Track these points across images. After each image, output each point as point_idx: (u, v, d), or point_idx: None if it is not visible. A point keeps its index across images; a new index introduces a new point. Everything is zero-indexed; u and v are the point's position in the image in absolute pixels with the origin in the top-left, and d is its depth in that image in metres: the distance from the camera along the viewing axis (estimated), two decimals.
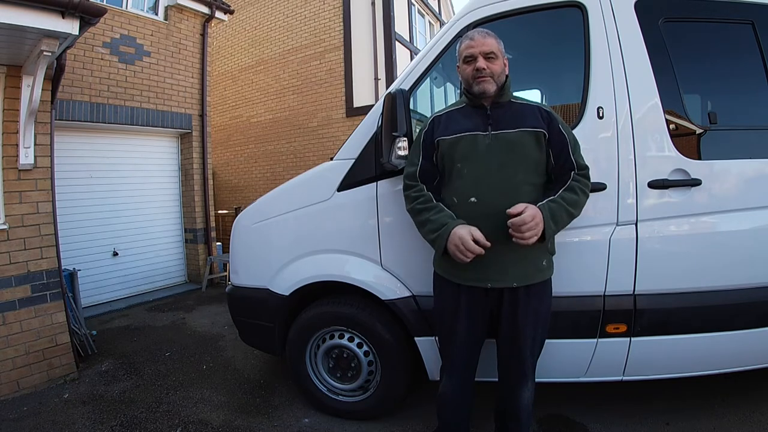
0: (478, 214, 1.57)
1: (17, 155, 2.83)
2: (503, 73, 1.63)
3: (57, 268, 3.03)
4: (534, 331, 1.66)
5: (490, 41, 1.61)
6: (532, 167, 1.60)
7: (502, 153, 1.57)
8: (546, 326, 1.71)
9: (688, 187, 1.80)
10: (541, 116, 1.61)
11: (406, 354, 2.19)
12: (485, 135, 1.60)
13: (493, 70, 1.59)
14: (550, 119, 1.60)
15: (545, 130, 1.58)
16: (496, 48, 1.61)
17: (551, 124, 1.60)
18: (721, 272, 1.83)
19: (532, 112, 1.62)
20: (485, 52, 1.59)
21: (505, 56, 1.64)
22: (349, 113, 7.94)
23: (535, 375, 1.75)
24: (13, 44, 2.56)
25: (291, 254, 2.32)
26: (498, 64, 1.60)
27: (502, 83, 1.62)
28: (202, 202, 5.96)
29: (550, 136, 1.59)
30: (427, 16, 10.50)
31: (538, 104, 1.67)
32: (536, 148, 1.59)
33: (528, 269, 1.60)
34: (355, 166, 2.12)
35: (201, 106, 5.91)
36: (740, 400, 2.30)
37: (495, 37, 1.63)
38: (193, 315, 4.59)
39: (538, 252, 1.61)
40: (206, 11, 5.83)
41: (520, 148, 1.57)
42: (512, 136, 1.58)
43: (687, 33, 1.91)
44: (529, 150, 1.58)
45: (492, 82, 1.59)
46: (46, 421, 2.48)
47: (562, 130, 1.61)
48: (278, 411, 2.52)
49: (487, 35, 1.62)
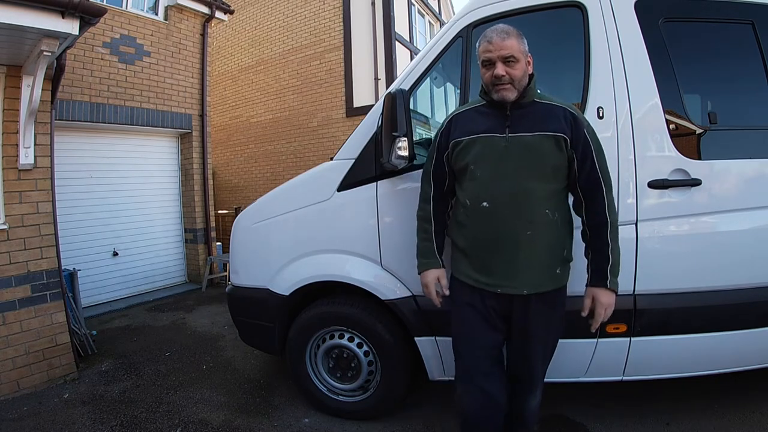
0: (489, 219, 1.53)
1: (17, 155, 2.83)
2: (525, 76, 1.51)
3: (57, 268, 3.03)
4: (545, 339, 1.61)
5: (510, 43, 1.47)
6: (549, 173, 1.51)
7: (519, 157, 1.49)
8: (558, 335, 1.66)
9: (688, 187, 1.80)
10: (566, 119, 1.50)
11: (406, 354, 2.19)
12: (502, 137, 1.51)
13: (513, 76, 1.47)
14: (575, 122, 1.50)
15: (568, 135, 1.48)
16: (517, 50, 1.48)
17: (576, 128, 1.49)
18: (721, 272, 1.83)
19: (556, 114, 1.51)
20: (504, 56, 1.47)
21: (528, 54, 1.53)
22: (349, 113, 7.94)
23: (543, 381, 1.72)
24: (13, 44, 2.56)
25: (291, 254, 2.32)
26: (519, 67, 1.48)
27: (525, 85, 1.51)
28: (202, 202, 5.96)
29: (574, 141, 1.49)
30: (427, 16, 10.49)
31: (565, 105, 1.54)
32: (556, 154, 1.49)
33: (540, 277, 1.54)
34: (355, 166, 2.12)
35: (201, 106, 5.91)
36: (740, 400, 2.30)
37: (516, 36, 1.49)
38: (193, 315, 4.59)
39: (552, 259, 1.55)
40: (206, 11, 5.83)
41: (537, 153, 1.49)
42: (530, 140, 1.49)
43: (687, 33, 1.91)
44: (547, 155, 1.49)
45: (512, 89, 1.49)
46: (46, 421, 2.48)
47: (587, 135, 1.50)
48: (278, 411, 2.52)
49: (507, 36, 1.48)
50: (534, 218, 1.49)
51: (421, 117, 3.19)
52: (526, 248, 1.50)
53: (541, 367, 1.67)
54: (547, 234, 1.52)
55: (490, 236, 1.54)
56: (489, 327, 1.61)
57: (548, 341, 1.64)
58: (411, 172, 2.00)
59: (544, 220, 1.50)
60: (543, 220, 1.50)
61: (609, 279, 1.51)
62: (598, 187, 1.52)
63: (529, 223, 1.49)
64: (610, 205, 1.53)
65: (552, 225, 1.52)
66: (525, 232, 1.49)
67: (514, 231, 1.49)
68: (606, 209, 1.52)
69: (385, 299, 2.10)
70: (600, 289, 1.52)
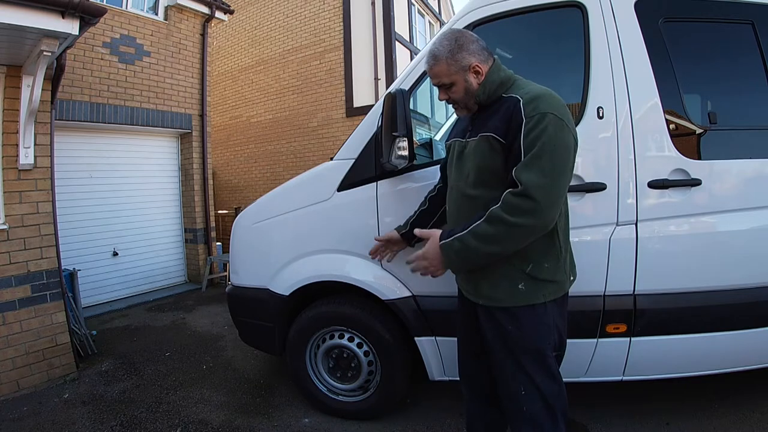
0: (449, 223, 1.57)
1: (17, 155, 2.83)
2: (471, 89, 1.40)
3: (57, 268, 3.03)
4: (511, 359, 1.40)
5: (437, 70, 1.40)
6: (485, 178, 1.37)
7: (468, 161, 1.44)
8: (535, 358, 1.39)
9: (688, 187, 1.80)
10: (506, 111, 1.32)
11: (406, 354, 2.19)
12: (462, 142, 1.50)
13: (454, 99, 1.43)
14: (511, 118, 1.30)
15: (500, 131, 1.32)
16: (446, 74, 1.39)
17: (511, 124, 1.30)
18: (721, 272, 1.83)
19: (502, 110, 1.34)
20: (436, 84, 1.44)
21: (471, 66, 1.38)
22: (349, 113, 7.93)
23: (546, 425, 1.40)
24: (13, 44, 2.56)
25: (291, 254, 2.32)
26: (457, 89, 1.40)
27: (479, 95, 1.40)
28: (202, 202, 5.96)
29: (509, 133, 1.30)
30: (427, 16, 10.49)
31: (519, 95, 1.32)
32: (492, 156, 1.35)
33: (494, 289, 1.39)
34: (355, 166, 2.12)
35: (201, 106, 5.91)
36: (740, 400, 2.30)
37: (446, 59, 1.38)
38: (193, 315, 4.59)
39: (511, 272, 1.37)
40: (206, 11, 5.83)
41: (472, 157, 1.41)
42: (475, 143, 1.41)
43: (687, 33, 1.91)
44: (482, 158, 1.37)
45: (460, 109, 1.46)
46: (46, 421, 2.48)
47: (524, 130, 1.26)
48: (278, 411, 2.52)
49: (435, 63, 1.40)
50: None
51: (421, 117, 3.19)
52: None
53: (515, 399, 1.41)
54: None
55: None
56: (472, 328, 1.59)
57: (519, 363, 1.38)
58: (411, 172, 2.01)
59: None
60: None
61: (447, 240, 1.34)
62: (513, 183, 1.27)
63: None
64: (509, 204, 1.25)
65: None
66: None
67: None
68: (500, 205, 1.27)
69: (385, 299, 2.10)
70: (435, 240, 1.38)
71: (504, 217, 1.26)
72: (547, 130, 1.25)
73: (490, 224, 1.28)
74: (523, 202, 1.24)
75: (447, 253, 1.35)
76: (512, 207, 1.25)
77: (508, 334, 1.39)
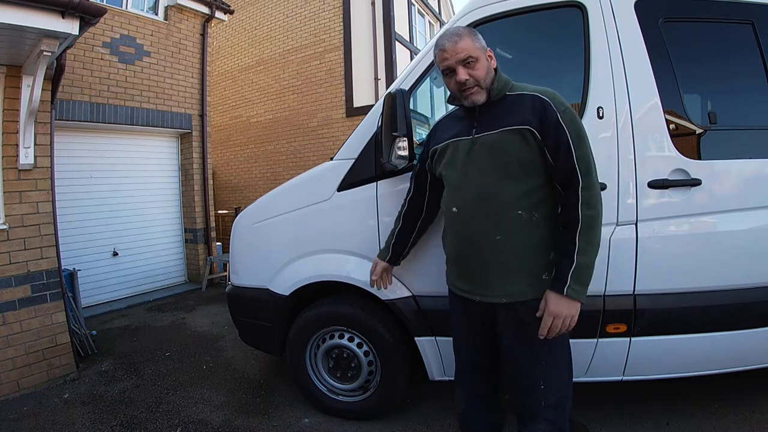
0: (459, 224, 1.49)
1: (17, 155, 2.83)
2: (489, 72, 1.42)
3: (57, 268, 3.03)
4: (537, 354, 1.41)
5: (463, 45, 1.39)
6: (518, 171, 1.39)
7: (484, 157, 1.42)
8: (557, 348, 1.44)
9: (688, 187, 1.79)
10: (533, 107, 1.37)
11: (406, 354, 2.19)
12: (468, 139, 1.46)
13: (476, 77, 1.40)
14: (544, 109, 1.35)
15: (534, 125, 1.35)
16: (472, 48, 1.39)
17: (545, 116, 1.35)
18: (721, 272, 1.82)
19: (523, 105, 1.39)
20: (461, 59, 1.39)
21: (488, 49, 1.44)
22: (349, 113, 7.94)
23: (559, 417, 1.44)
24: (13, 44, 2.56)
25: (291, 254, 2.32)
26: (480, 66, 1.40)
27: (491, 82, 1.42)
28: (202, 202, 5.96)
29: (544, 130, 1.35)
30: (427, 16, 10.49)
31: (536, 92, 1.40)
32: (523, 148, 1.37)
33: (519, 284, 1.40)
34: (355, 166, 2.12)
35: (201, 106, 5.91)
36: (740, 400, 2.30)
37: (469, 35, 1.41)
38: (193, 315, 4.59)
39: (537, 263, 1.40)
40: (206, 11, 5.84)
41: (501, 151, 1.39)
42: (493, 138, 1.40)
43: (687, 33, 1.91)
44: (512, 152, 1.38)
45: (480, 91, 1.41)
46: (46, 421, 2.48)
47: (562, 121, 1.34)
48: (278, 411, 2.52)
49: (459, 38, 1.40)
50: (502, 221, 1.39)
51: (421, 117, 3.19)
52: (496, 254, 1.40)
53: (546, 391, 1.41)
54: (524, 236, 1.39)
55: (461, 243, 1.52)
56: (472, 334, 1.58)
57: (543, 356, 1.41)
58: (411, 173, 2.00)
59: (517, 222, 1.38)
60: (516, 222, 1.38)
61: (568, 285, 1.32)
62: (574, 179, 1.35)
63: (496, 227, 1.39)
64: (588, 200, 1.34)
65: (531, 226, 1.39)
66: (494, 237, 1.40)
67: (480, 236, 1.42)
68: (579, 205, 1.34)
69: (385, 299, 2.10)
70: (554, 295, 1.34)
71: (597, 213, 1.36)
72: (577, 119, 1.39)
73: (593, 228, 1.35)
74: (597, 190, 1.38)
75: (578, 293, 1.33)
76: (596, 198, 1.36)
77: (531, 326, 1.39)
